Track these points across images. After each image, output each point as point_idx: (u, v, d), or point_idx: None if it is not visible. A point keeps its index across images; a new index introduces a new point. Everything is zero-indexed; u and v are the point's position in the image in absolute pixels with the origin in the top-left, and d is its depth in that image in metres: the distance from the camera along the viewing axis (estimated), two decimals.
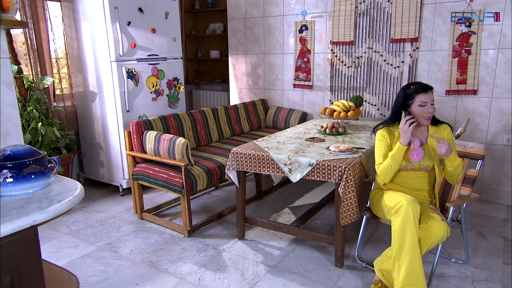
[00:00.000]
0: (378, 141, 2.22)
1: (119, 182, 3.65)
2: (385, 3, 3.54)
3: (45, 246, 2.72)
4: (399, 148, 2.08)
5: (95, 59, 3.50)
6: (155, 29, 3.64)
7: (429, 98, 2.06)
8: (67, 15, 3.60)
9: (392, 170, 2.12)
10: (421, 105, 2.06)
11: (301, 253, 2.60)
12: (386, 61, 3.65)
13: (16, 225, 1.09)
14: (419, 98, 2.06)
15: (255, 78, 4.53)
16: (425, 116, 2.08)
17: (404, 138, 2.07)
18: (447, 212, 2.22)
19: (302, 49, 4.09)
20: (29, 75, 3.42)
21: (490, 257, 2.51)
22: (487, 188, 3.41)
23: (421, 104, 2.06)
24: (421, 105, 2.06)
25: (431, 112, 2.06)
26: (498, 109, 3.24)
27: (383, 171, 2.14)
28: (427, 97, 2.06)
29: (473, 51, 3.25)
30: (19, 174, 1.26)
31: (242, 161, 2.60)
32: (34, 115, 3.22)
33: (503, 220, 3.05)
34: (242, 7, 4.40)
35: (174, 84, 3.90)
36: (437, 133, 2.13)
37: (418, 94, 2.07)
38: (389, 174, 2.13)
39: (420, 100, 2.06)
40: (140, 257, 2.57)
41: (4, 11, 1.52)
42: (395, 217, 1.96)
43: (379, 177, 2.20)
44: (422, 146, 2.12)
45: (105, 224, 3.08)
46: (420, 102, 2.06)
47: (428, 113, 2.06)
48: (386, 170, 2.12)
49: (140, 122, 3.08)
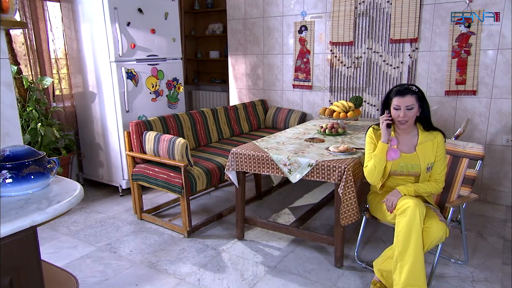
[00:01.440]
0: (367, 143, 2.23)
1: (119, 182, 3.65)
2: (384, 4, 3.55)
3: (45, 247, 2.71)
4: (379, 146, 2.11)
5: (95, 59, 3.50)
6: (155, 30, 3.64)
7: (404, 103, 2.03)
8: (66, 15, 3.60)
9: (377, 171, 2.10)
10: (396, 108, 2.06)
11: (301, 253, 2.60)
12: (385, 62, 3.65)
13: (15, 225, 1.09)
14: (395, 101, 2.06)
15: (254, 79, 4.54)
16: (398, 119, 2.07)
17: (382, 137, 2.10)
18: (447, 213, 2.22)
19: (302, 49, 4.09)
20: (29, 76, 3.42)
21: (490, 258, 2.51)
22: (487, 189, 3.42)
23: (395, 107, 2.06)
24: (395, 108, 2.06)
25: (402, 117, 2.04)
26: (498, 110, 3.25)
27: (369, 172, 2.15)
28: (402, 101, 2.03)
29: (473, 51, 3.25)
30: (19, 174, 1.26)
31: (242, 161, 2.60)
32: (34, 115, 3.21)
33: (502, 221, 3.05)
34: (241, 8, 4.40)
35: (174, 84, 3.90)
36: (427, 140, 2.11)
37: (395, 96, 2.06)
38: (374, 174, 2.12)
39: (394, 103, 2.06)
40: (140, 258, 2.57)
41: (4, 11, 1.51)
42: (401, 218, 1.95)
43: (367, 178, 2.19)
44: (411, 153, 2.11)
45: (105, 225, 3.08)
46: (395, 105, 2.06)
47: (400, 117, 2.05)
48: (372, 170, 2.13)
49: (139, 123, 3.08)
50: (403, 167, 2.12)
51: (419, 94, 2.06)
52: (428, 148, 2.09)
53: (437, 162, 2.10)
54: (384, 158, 2.09)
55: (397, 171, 2.14)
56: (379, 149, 2.10)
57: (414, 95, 2.04)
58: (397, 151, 2.09)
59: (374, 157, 2.11)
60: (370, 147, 2.20)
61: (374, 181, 2.16)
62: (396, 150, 2.09)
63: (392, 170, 2.14)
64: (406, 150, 2.12)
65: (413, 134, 2.14)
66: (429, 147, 2.09)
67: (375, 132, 2.20)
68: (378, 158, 2.10)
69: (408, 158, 2.11)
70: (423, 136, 2.12)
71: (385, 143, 2.09)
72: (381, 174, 2.13)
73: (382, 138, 2.11)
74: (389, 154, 2.09)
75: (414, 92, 2.05)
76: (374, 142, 2.18)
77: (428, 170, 2.10)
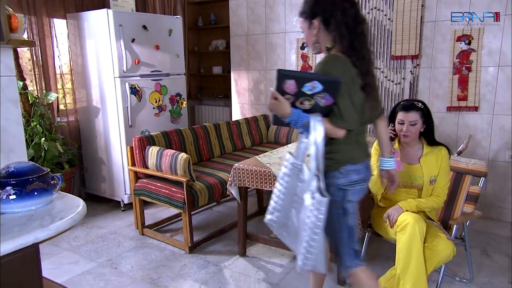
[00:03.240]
0: (372, 154, 2.26)
1: (121, 197, 3.64)
2: (385, 21, 3.60)
3: (45, 263, 2.70)
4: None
5: (99, 75, 3.55)
6: (159, 46, 3.69)
7: (408, 118, 2.08)
8: (72, 32, 3.67)
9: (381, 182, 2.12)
10: (399, 122, 2.12)
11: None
12: (387, 78, 3.68)
13: (18, 243, 1.09)
14: (399, 115, 2.12)
15: (257, 94, 4.57)
16: (400, 133, 2.12)
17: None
18: (451, 230, 2.21)
19: (304, 65, 4.13)
20: (34, 91, 3.46)
21: (495, 276, 2.48)
22: (491, 205, 3.39)
23: (399, 122, 2.12)
24: (399, 122, 2.12)
25: (405, 132, 2.09)
26: (500, 126, 3.25)
27: (373, 182, 2.15)
28: (407, 116, 2.08)
29: (474, 68, 3.28)
30: (22, 191, 1.26)
31: (244, 177, 2.60)
32: (38, 130, 3.24)
33: (507, 238, 3.02)
34: (244, 24, 4.47)
35: (177, 99, 3.94)
36: (431, 153, 2.12)
37: (400, 111, 2.12)
38: (378, 184, 2.13)
39: (399, 117, 2.12)
40: (141, 274, 2.55)
41: (13, 31, 1.55)
42: (401, 235, 1.95)
43: (371, 189, 2.22)
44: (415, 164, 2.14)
45: (106, 240, 3.06)
46: (399, 119, 2.12)
47: (403, 131, 2.09)
48: (376, 181, 2.13)
49: (142, 138, 3.10)
50: (406, 178, 2.13)
51: (424, 111, 2.10)
52: (432, 161, 2.10)
53: (440, 176, 2.11)
54: None
55: (400, 182, 2.14)
56: None
57: (418, 112, 2.08)
58: (400, 163, 2.11)
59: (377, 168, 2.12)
60: (374, 158, 2.22)
61: (378, 191, 2.21)
62: (398, 162, 2.11)
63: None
64: (409, 162, 2.15)
65: (417, 148, 2.17)
66: (433, 159, 2.11)
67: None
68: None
69: (411, 170, 2.13)
70: (427, 150, 2.14)
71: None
72: (384, 185, 2.14)
73: None
74: None
75: (419, 109, 2.09)
76: (378, 154, 2.20)
77: (431, 183, 2.11)
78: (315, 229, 1.44)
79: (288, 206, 1.59)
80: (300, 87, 1.47)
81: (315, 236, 1.45)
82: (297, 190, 1.55)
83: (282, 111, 1.50)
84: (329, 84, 1.46)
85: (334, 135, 1.52)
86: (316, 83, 1.45)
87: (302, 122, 1.49)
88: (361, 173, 1.61)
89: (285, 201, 1.60)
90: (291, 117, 1.49)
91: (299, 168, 1.55)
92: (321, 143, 1.47)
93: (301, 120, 1.49)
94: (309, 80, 1.47)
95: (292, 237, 1.62)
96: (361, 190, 1.65)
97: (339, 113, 1.48)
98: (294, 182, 1.56)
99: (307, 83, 1.46)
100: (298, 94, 1.49)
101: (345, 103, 1.48)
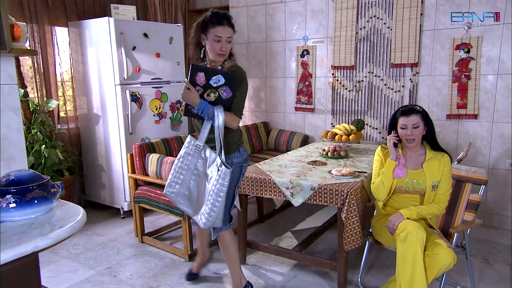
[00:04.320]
0: (375, 161, 2.30)
1: (120, 204, 3.64)
2: (385, 29, 3.62)
3: (44, 270, 2.68)
4: (387, 164, 2.17)
5: (100, 82, 3.57)
6: (160, 54, 3.71)
7: (410, 121, 2.10)
8: (74, 40, 3.69)
9: (385, 188, 2.16)
10: (402, 127, 2.13)
11: (304, 278, 2.56)
12: (386, 85, 3.69)
13: (17, 251, 1.08)
14: (401, 120, 2.14)
15: (257, 101, 4.59)
16: (405, 138, 2.14)
17: (390, 155, 2.18)
18: (451, 238, 2.20)
19: (304, 73, 4.16)
20: (35, 98, 3.47)
21: (497, 285, 2.46)
22: (491, 213, 3.38)
23: (402, 127, 2.13)
24: (402, 127, 2.13)
25: (409, 135, 2.11)
26: (500, 134, 3.25)
27: (377, 187, 2.20)
28: (408, 120, 2.10)
29: (473, 76, 3.29)
30: (22, 199, 1.26)
31: (244, 184, 2.60)
32: (38, 137, 3.25)
33: (508, 246, 3.01)
34: (245, 32, 4.50)
35: (177, 107, 3.95)
36: (434, 158, 2.14)
37: (401, 116, 2.14)
38: (382, 191, 2.18)
39: (401, 123, 2.13)
40: (140, 282, 2.54)
41: (15, 40, 1.56)
42: (401, 243, 1.94)
43: (374, 194, 2.24)
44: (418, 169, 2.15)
45: (105, 248, 3.05)
46: (401, 124, 2.13)
47: (407, 135, 2.11)
48: (379, 187, 2.18)
49: (142, 145, 3.10)
50: (408, 183, 2.14)
51: (423, 113, 2.13)
52: (434, 166, 2.11)
53: (442, 182, 2.11)
54: (390, 174, 2.15)
55: (403, 187, 2.16)
56: (387, 166, 2.17)
57: (418, 114, 2.11)
58: (403, 169, 2.14)
59: (382, 174, 2.17)
60: (377, 164, 2.26)
61: (381, 198, 2.21)
62: (402, 168, 2.14)
63: (397, 186, 2.16)
64: (412, 167, 2.17)
65: (420, 153, 2.19)
66: (435, 165, 2.11)
67: (383, 151, 2.28)
68: (385, 175, 2.15)
69: (414, 175, 2.14)
70: (430, 155, 2.16)
71: (393, 160, 2.16)
72: (388, 190, 2.18)
73: (390, 156, 2.18)
74: (395, 172, 2.15)
75: (418, 112, 2.12)
76: (381, 160, 2.25)
77: (433, 188, 2.11)
78: (220, 193, 1.88)
79: (188, 179, 1.99)
80: (208, 80, 1.89)
81: (219, 199, 1.89)
82: (198, 165, 1.99)
83: (193, 100, 1.91)
84: (230, 79, 1.91)
85: (231, 124, 1.99)
86: (220, 77, 1.90)
87: (207, 111, 1.91)
88: (246, 153, 2.17)
89: (186, 176, 1.99)
90: (199, 106, 1.90)
91: (201, 148, 1.99)
92: (221, 128, 1.91)
93: (206, 109, 1.91)
94: (215, 73, 1.90)
95: (189, 203, 2.02)
96: (247, 167, 2.21)
97: (237, 106, 2.00)
98: (195, 159, 1.99)
99: (214, 76, 1.89)
100: (206, 86, 1.90)
101: (241, 100, 2.02)
